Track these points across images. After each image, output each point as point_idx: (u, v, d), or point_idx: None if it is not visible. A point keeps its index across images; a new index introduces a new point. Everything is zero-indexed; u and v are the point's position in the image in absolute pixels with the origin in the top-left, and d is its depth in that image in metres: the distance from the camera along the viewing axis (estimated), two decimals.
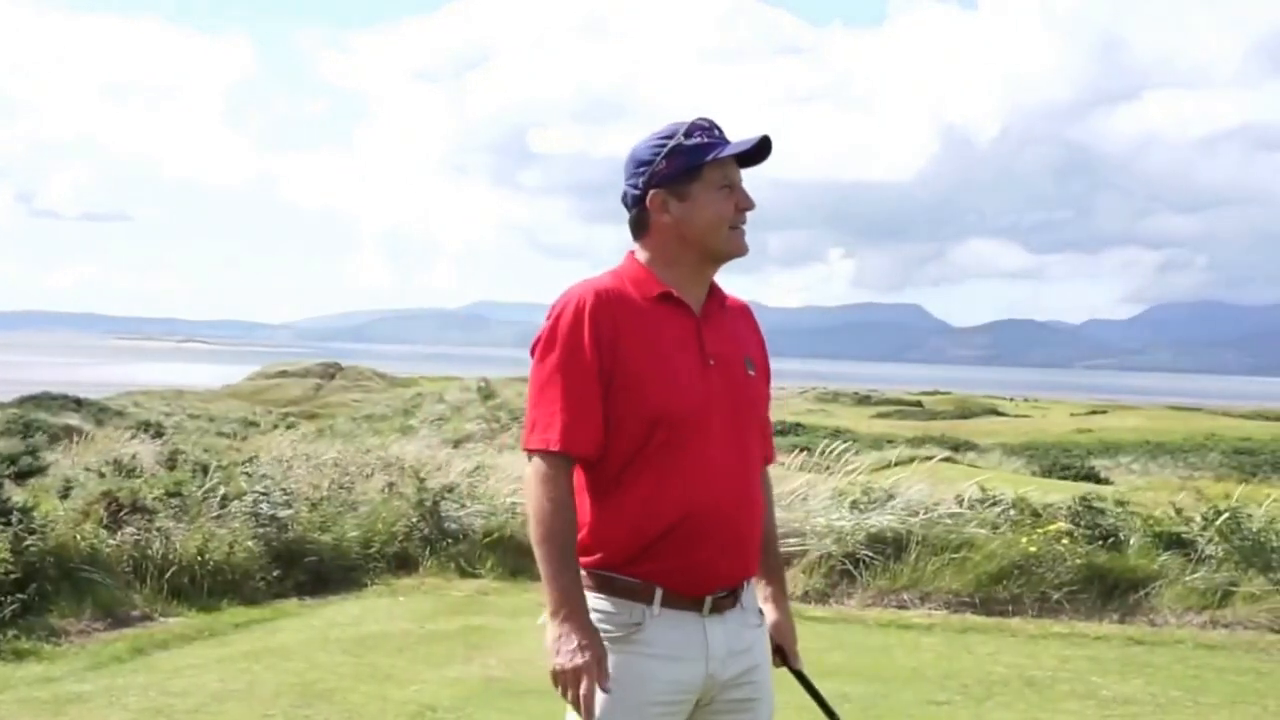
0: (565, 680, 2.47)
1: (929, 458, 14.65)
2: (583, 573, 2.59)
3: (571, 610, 2.50)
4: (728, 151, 2.69)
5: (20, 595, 8.27)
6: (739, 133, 2.77)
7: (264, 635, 8.54)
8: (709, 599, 2.64)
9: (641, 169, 2.71)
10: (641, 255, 2.76)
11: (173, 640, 8.31)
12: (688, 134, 2.69)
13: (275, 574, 10.04)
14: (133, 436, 22.70)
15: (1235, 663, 7.75)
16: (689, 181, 2.69)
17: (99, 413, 37.34)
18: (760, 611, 2.83)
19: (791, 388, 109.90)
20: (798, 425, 55.06)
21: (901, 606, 9.43)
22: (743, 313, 2.93)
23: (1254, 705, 6.70)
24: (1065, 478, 27.61)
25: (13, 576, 8.35)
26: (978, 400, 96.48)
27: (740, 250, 2.77)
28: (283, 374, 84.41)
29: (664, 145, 2.69)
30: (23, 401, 37.33)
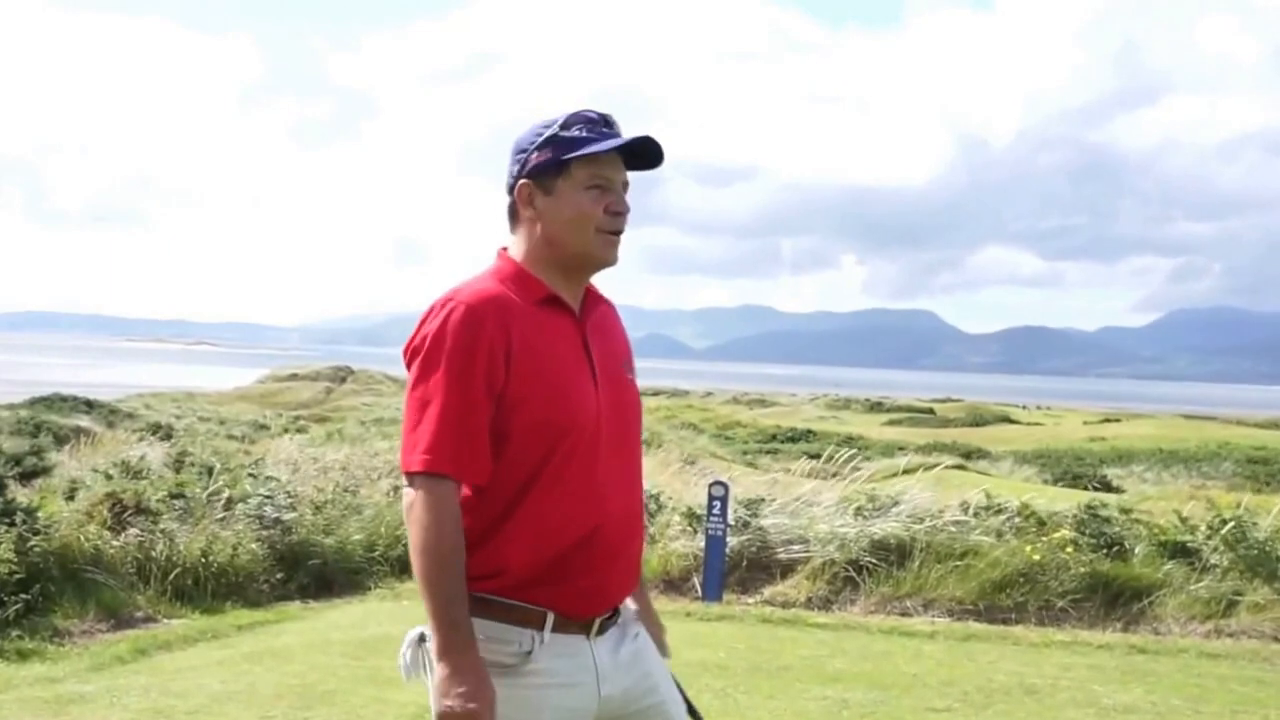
0: None
1: (935, 465, 14.61)
2: (472, 598, 2.38)
3: (463, 647, 2.31)
4: (596, 148, 2.49)
5: (24, 595, 8.32)
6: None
7: (266, 637, 8.55)
8: (597, 621, 2.51)
9: (516, 156, 2.54)
10: (515, 252, 2.56)
11: (175, 642, 8.34)
12: (565, 125, 2.50)
13: (278, 576, 10.09)
14: (141, 438, 22.77)
15: (1238, 672, 7.70)
16: (555, 175, 2.50)
17: (110, 414, 37.35)
18: (636, 620, 2.70)
19: (803, 394, 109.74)
20: (809, 432, 55.05)
21: (904, 613, 9.42)
22: (612, 312, 2.71)
23: (1255, 715, 6.65)
24: (1077, 486, 27.53)
25: (16, 577, 8.41)
26: (990, 408, 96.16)
27: (606, 259, 2.56)
28: (293, 377, 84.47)
29: (540, 134, 2.51)
30: (34, 403, 37.38)
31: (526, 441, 2.41)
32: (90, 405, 39.72)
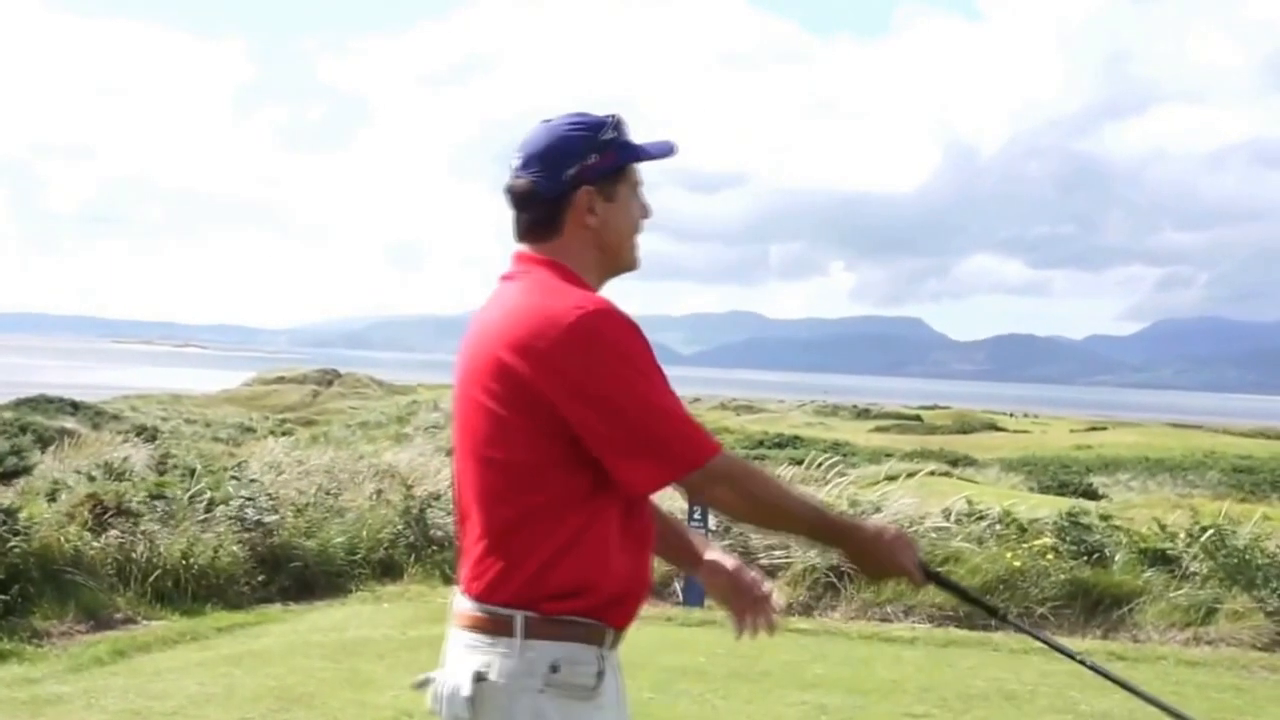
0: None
1: (915, 472, 14.64)
2: (548, 621, 2.24)
3: (861, 528, 2.40)
4: (658, 152, 2.46)
5: (3, 596, 8.30)
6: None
7: (246, 639, 8.54)
8: (621, 633, 2.40)
9: (568, 160, 2.36)
10: (561, 259, 2.39)
11: (154, 643, 8.32)
12: (617, 127, 2.40)
13: (260, 579, 10.07)
14: (125, 440, 22.70)
15: (1216, 679, 7.75)
16: (617, 181, 2.40)
17: (95, 416, 37.28)
18: None
19: (790, 401, 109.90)
20: (796, 438, 55.05)
21: (885, 620, 9.46)
22: None
23: None
24: (1064, 494, 27.57)
25: None
26: (977, 415, 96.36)
27: (637, 264, 2.50)
28: (280, 380, 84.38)
29: (593, 136, 2.37)
30: (19, 404, 37.24)
31: None
32: (76, 407, 39.63)
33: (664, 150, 2.48)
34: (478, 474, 2.31)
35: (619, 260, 2.47)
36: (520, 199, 2.41)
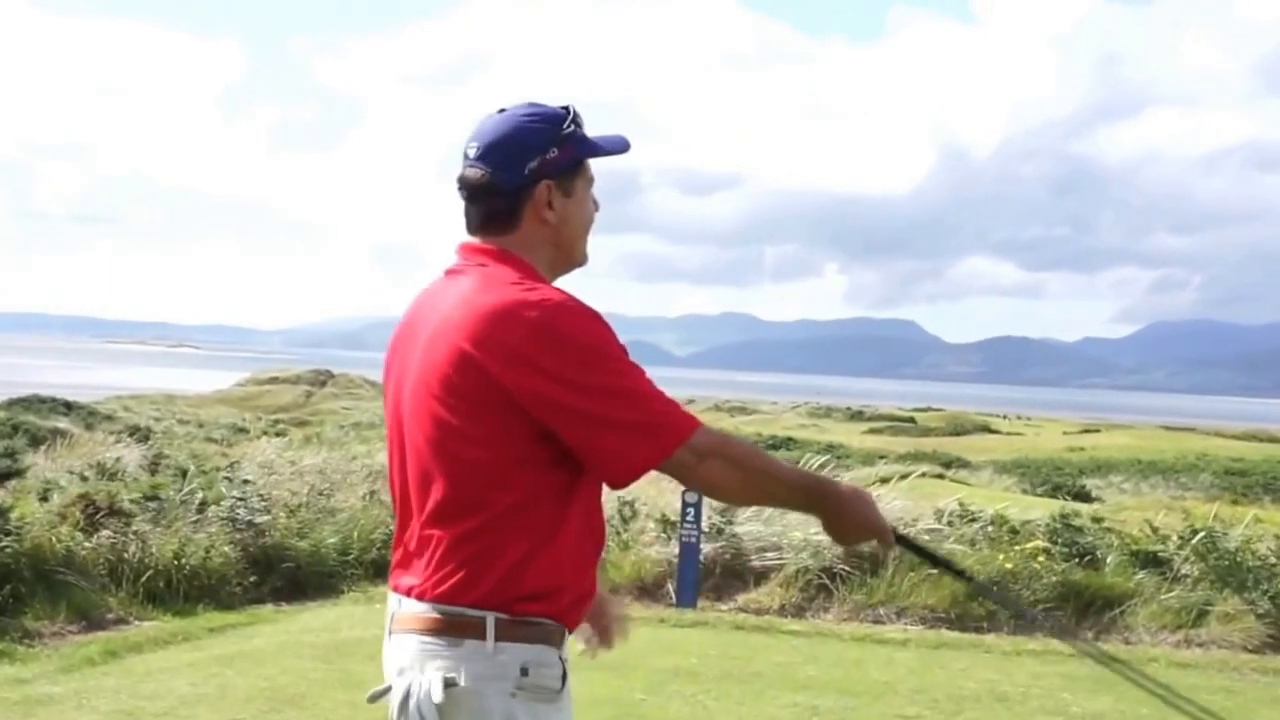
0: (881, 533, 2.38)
1: (908, 474, 14.66)
2: (515, 622, 2.18)
3: (836, 487, 2.34)
4: (617, 148, 2.43)
5: None
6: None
7: (238, 640, 8.52)
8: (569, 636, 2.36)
9: (528, 152, 2.30)
10: (518, 253, 2.34)
11: (146, 644, 8.30)
12: (575, 121, 2.35)
13: (252, 579, 10.05)
14: (118, 440, 22.68)
15: (1207, 681, 7.74)
16: (574, 176, 2.36)
17: (88, 416, 37.26)
18: None
19: (784, 402, 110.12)
20: (789, 440, 55.09)
21: (877, 621, 9.45)
22: None
23: None
24: (1057, 496, 27.62)
25: None
26: (971, 417, 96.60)
27: (586, 260, 2.47)
28: (273, 380, 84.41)
29: (553, 129, 2.33)
30: (12, 404, 37.19)
31: None
32: (69, 407, 39.59)
33: (619, 146, 2.44)
34: (439, 472, 2.23)
35: (572, 256, 2.43)
36: (477, 190, 2.34)
